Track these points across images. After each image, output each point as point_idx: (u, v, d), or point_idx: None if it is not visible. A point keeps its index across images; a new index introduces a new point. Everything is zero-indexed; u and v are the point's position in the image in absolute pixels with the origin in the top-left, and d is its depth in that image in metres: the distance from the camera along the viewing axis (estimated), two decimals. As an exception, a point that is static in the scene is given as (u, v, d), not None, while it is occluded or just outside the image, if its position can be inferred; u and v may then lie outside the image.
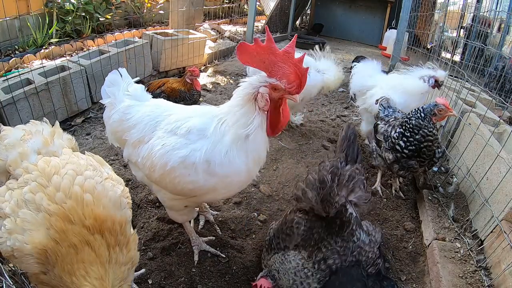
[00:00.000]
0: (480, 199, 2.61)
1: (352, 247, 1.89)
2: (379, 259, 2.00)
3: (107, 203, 1.48)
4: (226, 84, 5.74)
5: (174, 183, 1.92)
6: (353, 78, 4.19)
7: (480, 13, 6.61)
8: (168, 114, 2.08)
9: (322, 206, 1.89)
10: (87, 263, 1.31)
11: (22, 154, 1.59)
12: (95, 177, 1.55)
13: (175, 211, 2.23)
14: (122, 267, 1.43)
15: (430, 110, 2.72)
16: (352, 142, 2.30)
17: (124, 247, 1.47)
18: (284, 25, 9.85)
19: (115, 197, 1.54)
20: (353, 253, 1.88)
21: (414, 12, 6.85)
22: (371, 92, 3.77)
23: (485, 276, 2.23)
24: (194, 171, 1.85)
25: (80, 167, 1.57)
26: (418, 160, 2.81)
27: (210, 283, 2.24)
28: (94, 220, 1.40)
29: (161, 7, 7.63)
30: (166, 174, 1.90)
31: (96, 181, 1.54)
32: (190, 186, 1.90)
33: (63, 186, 1.44)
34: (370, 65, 4.12)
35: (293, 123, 4.40)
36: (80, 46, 5.43)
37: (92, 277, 1.28)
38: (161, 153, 1.90)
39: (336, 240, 1.88)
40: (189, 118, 1.98)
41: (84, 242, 1.35)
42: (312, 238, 1.90)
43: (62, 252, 1.32)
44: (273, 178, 3.35)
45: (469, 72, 4.77)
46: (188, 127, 1.93)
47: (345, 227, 1.90)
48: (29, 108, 3.49)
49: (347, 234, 1.90)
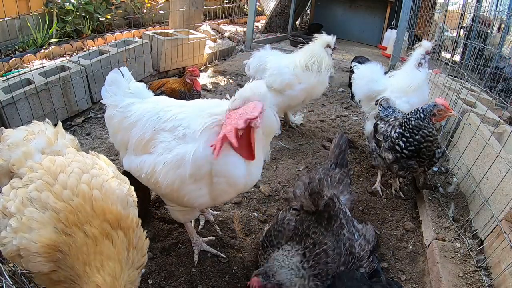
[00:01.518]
0: (480, 199, 2.61)
1: (343, 239, 1.91)
2: (373, 259, 2.03)
3: (115, 201, 1.48)
4: (226, 84, 5.74)
5: (183, 200, 1.94)
6: (356, 84, 3.94)
7: (480, 13, 6.60)
8: (169, 109, 2.06)
9: (311, 199, 1.91)
10: (105, 256, 1.29)
11: (26, 153, 1.58)
12: (101, 176, 1.55)
13: (177, 211, 2.23)
14: (135, 270, 1.41)
15: (430, 111, 2.72)
16: (343, 150, 2.51)
17: (140, 251, 1.46)
18: (284, 25, 9.85)
19: (122, 195, 1.54)
20: (345, 245, 1.90)
21: (414, 12, 6.85)
22: (380, 97, 3.52)
23: (485, 276, 2.23)
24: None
25: (86, 166, 1.56)
26: (417, 160, 2.81)
27: (210, 283, 2.24)
28: (112, 215, 1.39)
29: (161, 7, 7.63)
30: (174, 191, 1.92)
31: (103, 179, 1.53)
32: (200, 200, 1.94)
33: (70, 184, 1.43)
34: (374, 69, 3.89)
35: (293, 123, 4.41)
36: (80, 46, 5.43)
37: (106, 272, 1.26)
38: (165, 172, 1.89)
39: (327, 233, 1.89)
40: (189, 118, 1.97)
41: (105, 235, 1.33)
42: (302, 229, 1.91)
43: (77, 243, 1.30)
44: (273, 178, 3.35)
45: (469, 72, 4.77)
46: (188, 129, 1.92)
47: (333, 221, 1.92)
48: (29, 108, 3.49)
49: (336, 227, 1.92)
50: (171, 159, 1.88)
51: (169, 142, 1.92)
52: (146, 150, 2.02)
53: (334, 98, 5.77)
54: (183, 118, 1.98)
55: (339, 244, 1.89)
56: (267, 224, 2.30)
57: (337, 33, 4.41)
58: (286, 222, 1.98)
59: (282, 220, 2.02)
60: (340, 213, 1.97)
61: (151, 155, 1.97)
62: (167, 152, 1.90)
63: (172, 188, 1.91)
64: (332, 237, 1.89)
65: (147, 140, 2.01)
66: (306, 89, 3.89)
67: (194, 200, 1.94)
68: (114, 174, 1.66)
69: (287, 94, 3.86)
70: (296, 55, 4.06)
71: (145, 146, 2.02)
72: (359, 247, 2.01)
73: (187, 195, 1.91)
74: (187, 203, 1.97)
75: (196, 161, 1.82)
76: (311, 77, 3.86)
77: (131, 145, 2.11)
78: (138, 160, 2.04)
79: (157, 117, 2.03)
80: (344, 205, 2.10)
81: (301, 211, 1.99)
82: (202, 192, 1.91)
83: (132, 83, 2.29)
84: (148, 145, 2.00)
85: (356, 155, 3.90)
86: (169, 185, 1.90)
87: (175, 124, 1.95)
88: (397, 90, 3.61)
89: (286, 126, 4.35)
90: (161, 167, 1.90)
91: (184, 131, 1.91)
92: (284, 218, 2.02)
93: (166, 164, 1.88)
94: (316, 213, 1.92)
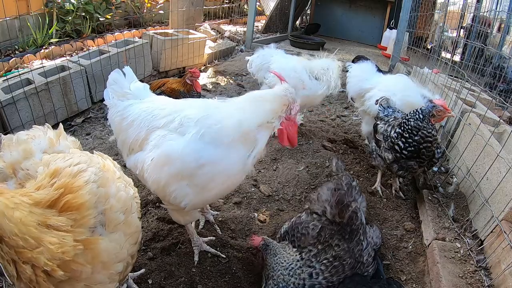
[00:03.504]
0: (480, 199, 2.61)
1: (356, 251, 1.97)
2: (375, 260, 2.08)
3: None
4: (226, 84, 5.74)
5: (169, 198, 1.93)
6: (349, 83, 4.08)
7: (480, 13, 6.60)
8: (164, 107, 2.06)
9: (338, 209, 1.95)
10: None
11: (27, 152, 1.56)
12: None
13: (177, 212, 2.22)
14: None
15: (429, 112, 2.72)
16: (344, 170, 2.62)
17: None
18: (284, 25, 9.85)
19: (127, 198, 1.53)
20: (357, 256, 1.96)
21: (414, 12, 6.85)
22: (369, 94, 3.73)
23: (485, 276, 2.23)
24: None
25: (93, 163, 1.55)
26: (417, 161, 2.81)
27: (210, 283, 2.24)
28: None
29: (161, 7, 7.63)
30: (160, 189, 1.91)
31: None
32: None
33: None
34: (365, 67, 4.01)
35: (293, 123, 4.39)
36: (80, 46, 5.43)
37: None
38: (152, 168, 1.89)
39: (348, 249, 1.94)
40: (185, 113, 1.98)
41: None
42: (325, 238, 1.95)
43: None
44: (273, 178, 3.35)
45: (469, 72, 4.77)
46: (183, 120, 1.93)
47: (354, 235, 1.98)
48: (29, 108, 3.49)
49: (355, 242, 1.98)
50: (159, 155, 1.88)
51: (160, 138, 1.93)
52: (141, 148, 2.03)
53: (334, 98, 5.75)
54: (178, 110, 1.99)
55: (354, 256, 1.95)
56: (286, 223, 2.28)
57: (337, 33, 4.44)
58: (311, 227, 1.99)
59: (307, 223, 2.03)
60: (360, 227, 2.02)
61: (143, 152, 1.99)
62: (156, 149, 1.91)
63: (158, 186, 1.90)
64: (351, 252, 1.94)
65: (142, 139, 2.01)
66: (308, 96, 3.90)
67: (181, 198, 1.91)
68: (121, 175, 1.66)
69: None
70: (308, 61, 4.04)
71: (141, 145, 2.03)
72: (367, 255, 2.05)
73: (173, 192, 1.89)
74: (173, 201, 1.94)
75: (184, 157, 1.83)
76: (317, 87, 3.88)
77: (129, 145, 2.12)
78: (134, 157, 2.06)
79: (152, 115, 2.04)
80: (363, 214, 2.12)
81: (322, 216, 2.00)
82: (188, 189, 1.88)
83: (133, 84, 2.28)
84: (143, 144, 2.01)
85: (356, 155, 3.90)
86: (155, 182, 1.89)
87: (169, 119, 1.95)
88: (386, 89, 3.64)
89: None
90: (148, 163, 1.90)
91: (180, 120, 1.91)
92: (309, 222, 2.03)
93: (154, 160, 1.89)
94: (340, 224, 1.96)
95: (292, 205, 3.04)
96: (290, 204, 3.06)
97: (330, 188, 2.10)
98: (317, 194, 2.16)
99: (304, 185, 3.29)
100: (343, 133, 4.44)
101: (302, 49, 8.13)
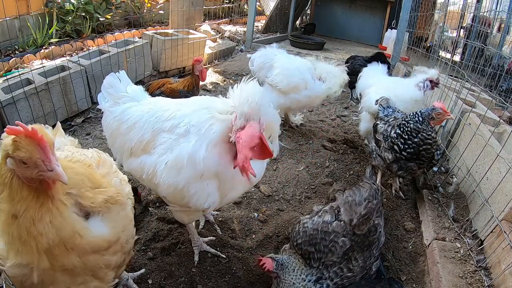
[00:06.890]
0: (480, 199, 2.61)
1: (368, 263, 2.02)
2: (378, 260, 2.10)
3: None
4: (226, 84, 5.74)
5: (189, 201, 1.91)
6: (360, 80, 4.32)
7: (480, 13, 6.60)
8: (167, 109, 2.03)
9: (360, 221, 1.97)
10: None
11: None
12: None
13: (182, 213, 2.20)
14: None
15: (428, 114, 2.73)
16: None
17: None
18: (284, 25, 9.84)
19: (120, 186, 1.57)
20: (367, 268, 2.02)
21: (414, 12, 6.85)
22: (366, 91, 3.85)
23: (485, 276, 2.23)
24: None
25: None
26: (417, 162, 2.81)
27: (210, 283, 2.24)
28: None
29: (161, 7, 7.63)
30: (177, 192, 1.89)
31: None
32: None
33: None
34: (377, 68, 4.26)
35: (293, 123, 4.40)
36: (80, 46, 5.43)
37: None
38: (167, 172, 1.86)
39: (363, 264, 1.99)
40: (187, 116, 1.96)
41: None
42: (350, 253, 1.97)
43: None
44: (273, 178, 3.35)
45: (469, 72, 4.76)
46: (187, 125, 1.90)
47: (369, 248, 2.02)
48: (29, 108, 3.49)
49: (369, 253, 2.02)
50: (175, 159, 1.84)
51: (170, 142, 1.89)
52: (146, 151, 2.00)
53: (334, 98, 5.76)
54: (183, 115, 1.95)
55: (365, 268, 1.99)
56: (307, 217, 2.20)
57: (337, 33, 4.52)
58: (340, 244, 1.93)
59: (336, 237, 1.95)
60: (375, 241, 2.04)
61: (152, 156, 1.94)
62: (168, 152, 1.88)
63: (176, 188, 1.87)
64: (364, 265, 1.98)
65: (147, 141, 1.98)
66: (310, 96, 3.92)
67: (203, 200, 1.90)
68: (116, 170, 1.67)
69: (291, 96, 3.87)
70: (314, 63, 4.06)
71: (146, 147, 1.99)
72: (375, 267, 2.07)
73: (195, 195, 1.87)
74: (195, 203, 1.91)
75: (197, 162, 1.80)
76: (320, 87, 3.91)
77: (130, 148, 2.07)
78: (138, 160, 2.02)
79: (156, 117, 2.00)
80: (382, 230, 2.12)
81: (348, 225, 1.98)
82: (209, 189, 1.88)
83: (129, 87, 2.25)
84: (148, 146, 1.98)
85: (356, 155, 3.90)
86: (171, 186, 1.87)
87: (175, 123, 1.93)
88: (382, 87, 3.73)
89: (286, 126, 4.35)
90: (163, 168, 1.87)
91: (186, 127, 1.88)
92: (338, 235, 1.96)
93: (168, 165, 1.86)
94: (359, 235, 1.98)
95: (292, 205, 3.04)
96: (290, 204, 3.06)
97: (363, 197, 2.06)
98: (352, 199, 2.07)
99: (304, 185, 3.29)
100: (343, 133, 4.44)
101: (302, 49, 8.13)
